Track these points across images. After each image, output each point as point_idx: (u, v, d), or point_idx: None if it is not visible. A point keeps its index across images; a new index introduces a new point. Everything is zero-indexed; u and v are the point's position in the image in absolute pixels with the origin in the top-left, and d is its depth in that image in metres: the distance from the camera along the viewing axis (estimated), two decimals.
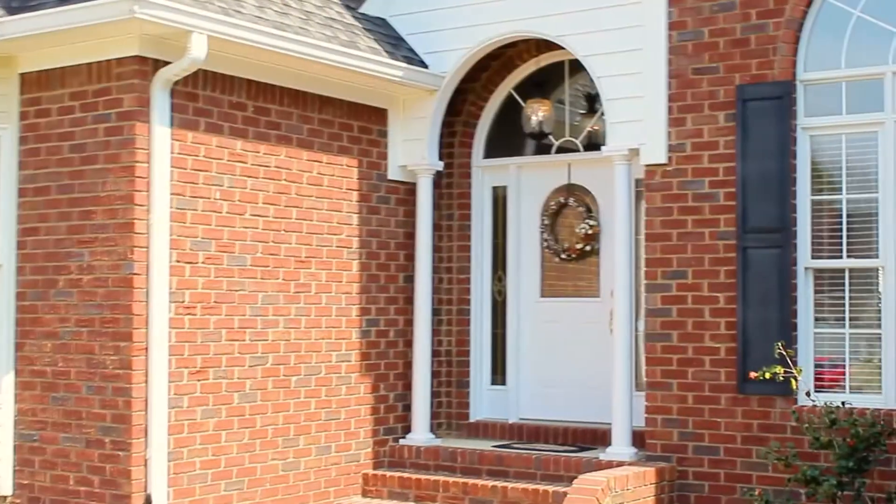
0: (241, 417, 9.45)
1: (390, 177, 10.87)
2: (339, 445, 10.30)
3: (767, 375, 8.24)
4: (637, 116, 9.76)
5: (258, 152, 9.61)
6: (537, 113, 10.96)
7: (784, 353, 8.41)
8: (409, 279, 11.03)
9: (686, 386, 9.50)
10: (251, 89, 9.55)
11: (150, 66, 8.78)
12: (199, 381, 9.12)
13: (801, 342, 9.14)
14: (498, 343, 11.42)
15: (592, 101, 11.10)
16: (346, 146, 10.43)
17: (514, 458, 10.10)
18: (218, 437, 9.25)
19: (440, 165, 11.02)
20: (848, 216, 9.13)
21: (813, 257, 9.21)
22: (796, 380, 8.35)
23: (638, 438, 9.87)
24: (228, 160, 9.37)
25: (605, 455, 9.77)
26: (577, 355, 10.93)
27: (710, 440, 9.37)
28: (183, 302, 8.99)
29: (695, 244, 9.51)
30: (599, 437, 10.55)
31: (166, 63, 8.78)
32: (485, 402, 11.40)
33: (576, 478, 9.30)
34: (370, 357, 10.64)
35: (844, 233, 9.15)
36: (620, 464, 9.56)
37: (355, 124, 10.52)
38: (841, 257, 9.16)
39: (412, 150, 10.89)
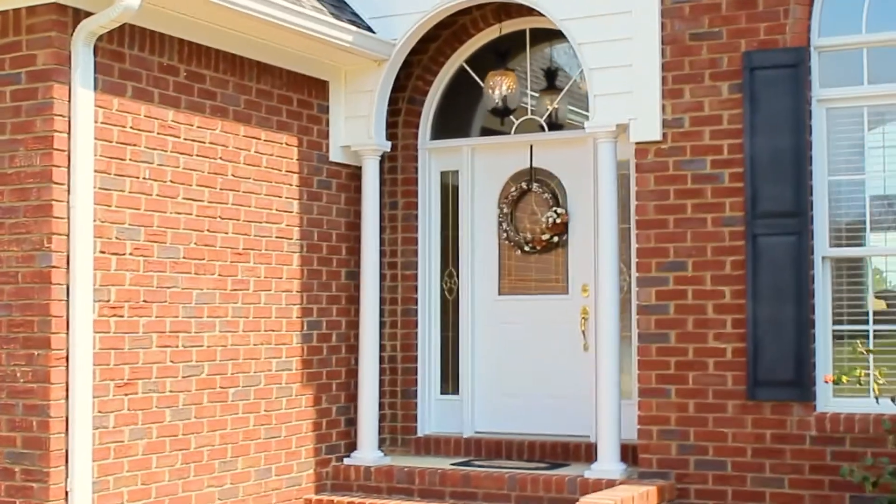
0: (174, 438, 7.98)
1: (332, 158, 9.52)
2: (279, 468, 8.89)
3: (845, 379, 7.14)
4: (626, 88, 8.60)
5: (191, 125, 8.16)
6: (501, 86, 9.71)
7: (865, 353, 7.43)
8: (352, 275, 9.67)
9: (686, 392, 8.37)
10: (184, 50, 8.10)
11: (70, 16, 7.28)
12: (126, 395, 7.63)
13: (820, 341, 8.08)
14: (449, 347, 10.14)
15: (555, 76, 9.91)
16: (286, 122, 9.04)
17: (484, 477, 8.82)
18: (148, 462, 7.77)
19: (388, 146, 9.70)
20: (871, 199, 8.12)
21: (831, 245, 8.16)
22: (878, 384, 7.26)
23: (625, 453, 8.69)
24: (159, 133, 7.91)
25: (590, 472, 8.57)
26: (542, 360, 9.72)
27: (716, 453, 8.26)
28: (108, 301, 7.51)
29: (695, 231, 8.39)
30: (572, 452, 9.36)
31: (89, 14, 7.30)
32: (434, 414, 10.11)
33: (557, 500, 8.21)
34: (312, 365, 9.26)
35: (868, 218, 8.12)
36: (611, 483, 8.38)
37: (295, 97, 9.14)
38: (863, 244, 8.14)
39: (356, 129, 9.55)
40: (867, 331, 8.12)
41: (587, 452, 9.30)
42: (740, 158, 8.26)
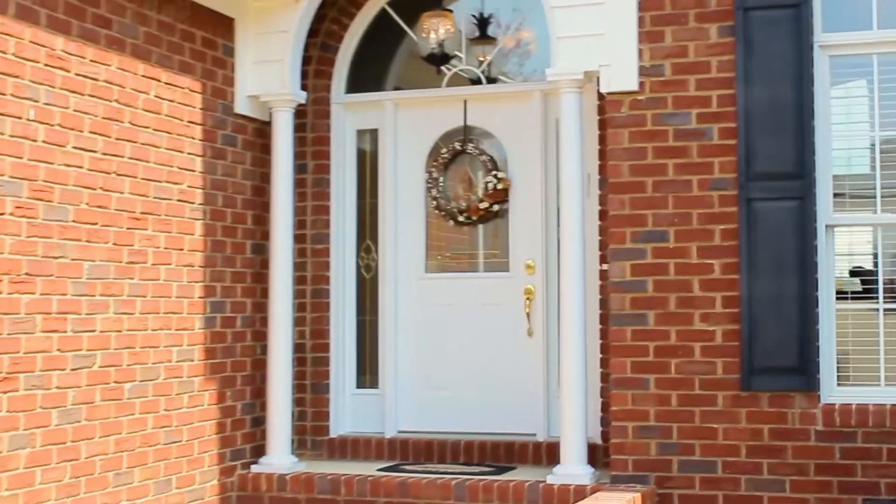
0: (62, 446, 6.43)
1: (237, 110, 8.03)
2: (181, 478, 7.39)
3: None
4: (595, 29, 7.39)
5: (84, 57, 6.60)
6: (438, 30, 8.35)
7: None
8: (259, 249, 8.22)
9: (668, 382, 7.22)
10: None
11: None
12: (4, 393, 6.05)
13: (824, 322, 7.03)
14: (366, 333, 8.76)
15: (486, 25, 8.64)
16: (189, 63, 7.53)
17: (426, 485, 7.49)
18: (31, 477, 6.22)
19: (303, 97, 8.26)
20: (882, 159, 7.10)
21: (835, 212, 7.12)
22: None
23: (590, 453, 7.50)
24: (47, 65, 6.34)
25: (554, 477, 7.33)
26: (478, 347, 8.45)
27: (704, 453, 7.12)
28: None
29: (678, 196, 7.24)
30: (518, 454, 8.12)
31: None
32: (349, 411, 8.73)
33: None
34: (215, 354, 7.78)
35: (878, 181, 7.10)
36: (581, 489, 7.17)
37: (199, 34, 7.64)
38: (874, 211, 7.12)
39: (266, 76, 8.09)
40: (877, 309, 7.10)
41: (535, 453, 8.09)
42: (732, 112, 7.14)
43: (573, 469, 7.32)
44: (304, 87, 8.40)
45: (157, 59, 7.19)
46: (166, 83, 7.28)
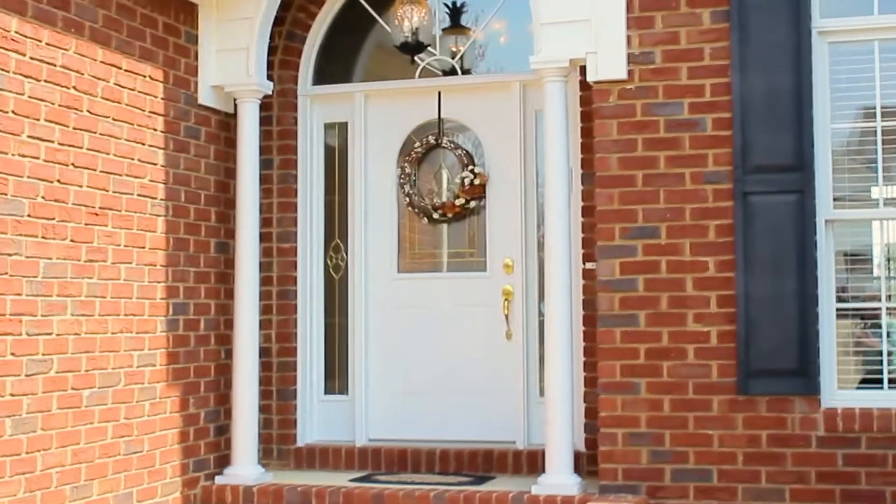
0: (16, 458, 5.96)
1: (201, 101, 7.57)
2: (142, 491, 6.93)
3: None
4: (582, 15, 7.02)
5: (40, 40, 6.13)
6: (412, 17, 7.95)
7: None
8: (222, 248, 7.77)
9: (660, 387, 6.85)
10: None
11: None
12: None
13: (824, 322, 6.69)
14: (335, 337, 8.33)
15: (459, 14, 8.25)
16: (150, 49, 7.07)
17: (403, 497, 7.08)
18: None
19: (269, 88, 7.82)
20: (884, 150, 6.79)
21: (835, 207, 6.79)
22: None
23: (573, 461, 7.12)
24: (0, 47, 5.84)
25: (539, 488, 6.94)
26: (454, 351, 8.05)
27: (698, 460, 6.77)
28: None
29: (670, 190, 6.88)
30: (496, 462, 7.73)
31: None
32: (317, 418, 8.29)
33: None
34: (178, 359, 7.32)
35: (880, 173, 6.79)
36: (568, 500, 6.79)
37: (160, 20, 7.18)
38: (877, 206, 6.81)
39: (231, 65, 7.65)
40: (878, 308, 6.78)
41: (515, 462, 7.70)
42: (727, 101, 6.79)
43: (560, 479, 6.93)
44: (269, 78, 7.95)
45: (116, 44, 6.72)
46: (127, 70, 6.81)
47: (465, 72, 8.22)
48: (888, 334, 6.74)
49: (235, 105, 7.71)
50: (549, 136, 7.07)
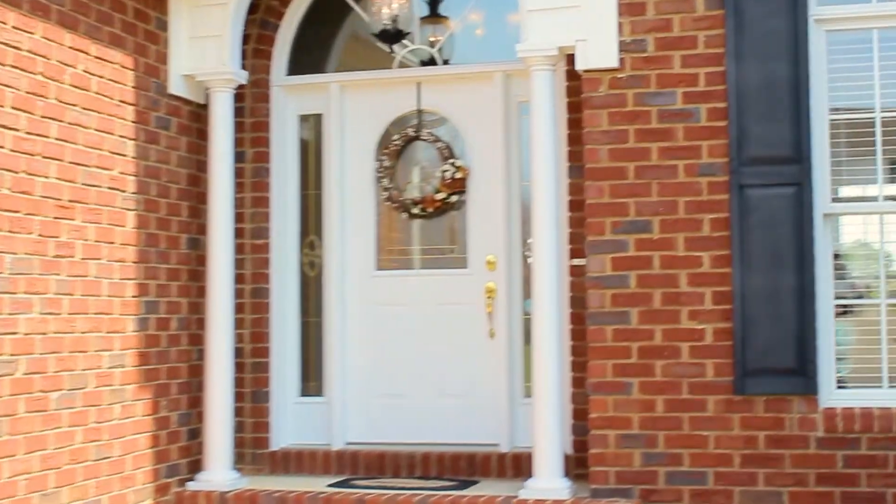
0: None
1: (171, 90, 7.25)
2: (113, 498, 6.61)
3: None
4: (570, 1, 6.78)
5: (5, 23, 5.81)
6: (391, 4, 7.65)
7: None
8: (194, 244, 7.46)
9: (653, 386, 6.61)
10: None
11: None
12: None
13: (821, 320, 6.47)
14: (311, 336, 8.03)
15: (437, 2, 7.98)
16: (119, 35, 6.75)
17: (385, 502, 6.79)
18: None
19: (244, 77, 7.52)
20: (884, 142, 6.58)
21: (833, 200, 6.58)
22: None
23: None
24: None
25: (527, 492, 6.68)
26: (434, 351, 7.77)
27: (693, 463, 6.53)
28: None
29: (663, 183, 6.64)
30: (480, 466, 7.46)
31: None
32: (292, 421, 7.98)
33: None
34: (149, 360, 6.99)
35: (879, 166, 6.58)
36: None
37: (130, 4, 6.87)
38: (876, 199, 6.60)
39: (203, 53, 7.35)
40: (878, 304, 6.58)
41: (499, 465, 7.44)
42: (722, 90, 6.57)
43: (549, 482, 6.67)
44: (242, 68, 7.64)
45: (85, 29, 6.40)
46: (96, 57, 6.49)
47: (444, 62, 7.95)
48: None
49: (207, 95, 7.39)
50: (537, 126, 6.81)
